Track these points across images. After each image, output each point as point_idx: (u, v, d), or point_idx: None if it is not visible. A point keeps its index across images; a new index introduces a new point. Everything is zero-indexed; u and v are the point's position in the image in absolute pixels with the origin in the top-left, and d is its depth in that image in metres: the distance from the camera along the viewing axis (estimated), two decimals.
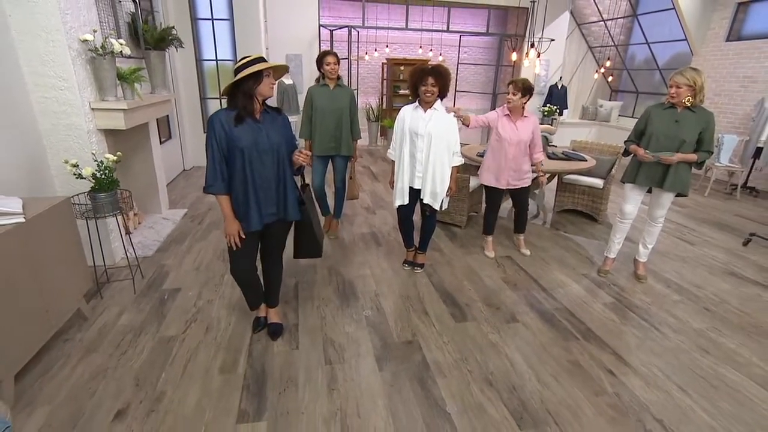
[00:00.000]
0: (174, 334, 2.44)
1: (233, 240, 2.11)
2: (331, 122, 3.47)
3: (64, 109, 2.74)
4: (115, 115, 2.96)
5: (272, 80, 2.02)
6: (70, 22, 2.63)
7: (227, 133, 1.99)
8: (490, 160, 3.41)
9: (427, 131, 2.80)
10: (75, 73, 2.70)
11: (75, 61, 2.69)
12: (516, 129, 3.28)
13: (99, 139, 3.00)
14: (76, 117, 2.79)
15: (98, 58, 2.82)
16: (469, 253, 3.66)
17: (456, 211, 4.13)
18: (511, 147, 3.29)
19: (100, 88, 2.93)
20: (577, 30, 9.47)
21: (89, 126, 2.87)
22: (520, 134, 3.27)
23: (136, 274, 3.04)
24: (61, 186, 2.86)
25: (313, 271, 3.25)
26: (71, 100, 2.74)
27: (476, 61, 9.78)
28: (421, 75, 2.74)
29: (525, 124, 3.29)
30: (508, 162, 3.32)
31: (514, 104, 3.23)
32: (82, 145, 2.85)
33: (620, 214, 3.22)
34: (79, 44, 2.73)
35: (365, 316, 2.69)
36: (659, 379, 2.22)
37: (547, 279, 3.26)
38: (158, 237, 3.74)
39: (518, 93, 3.20)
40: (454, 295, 2.97)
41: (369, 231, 4.10)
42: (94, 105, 2.89)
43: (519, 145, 3.28)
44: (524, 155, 3.34)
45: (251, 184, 2.05)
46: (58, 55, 2.61)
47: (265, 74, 1.97)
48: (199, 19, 5.84)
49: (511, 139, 3.28)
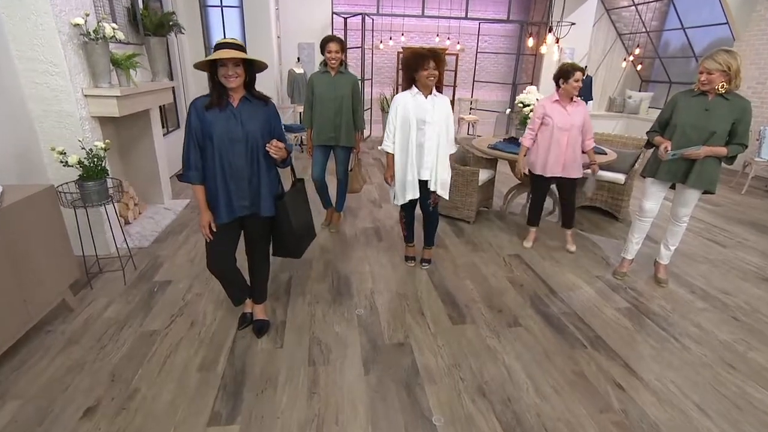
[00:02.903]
0: (157, 328, 2.39)
1: (205, 232, 2.04)
2: (331, 110, 3.35)
3: (55, 94, 2.72)
4: (108, 102, 2.92)
5: (229, 71, 1.85)
6: (60, 5, 2.59)
7: (201, 119, 1.92)
8: (541, 149, 3.26)
9: (434, 118, 2.68)
10: (66, 58, 2.66)
11: (66, 45, 2.65)
12: (568, 114, 3.14)
13: (93, 127, 2.97)
14: (67, 103, 2.76)
15: (90, 42, 2.77)
16: (475, 251, 3.49)
17: (464, 206, 3.96)
18: (564, 134, 3.15)
19: (93, 74, 2.90)
20: (606, 16, 9.02)
21: (81, 113, 2.84)
22: (572, 119, 3.14)
23: (128, 265, 3.01)
24: (53, 174, 2.85)
25: (309, 266, 3.16)
26: (62, 86, 2.71)
27: (497, 50, 9.47)
28: (422, 59, 2.61)
29: (576, 109, 3.16)
30: (562, 150, 3.18)
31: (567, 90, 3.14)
32: (75, 132, 2.82)
33: (639, 212, 2.99)
34: (70, 28, 2.69)
35: (357, 315, 2.58)
36: (674, 396, 2.02)
37: (557, 280, 3.07)
38: (157, 228, 3.72)
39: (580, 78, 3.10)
40: (455, 295, 2.82)
41: (372, 225, 3.98)
42: (87, 91, 2.85)
43: (572, 131, 3.14)
44: (577, 143, 3.19)
45: (221, 174, 1.98)
46: (48, 39, 2.58)
47: (219, 63, 1.85)
48: (208, 6, 5.81)
49: (564, 124, 3.14)
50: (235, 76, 1.87)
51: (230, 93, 1.94)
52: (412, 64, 2.64)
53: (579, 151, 3.23)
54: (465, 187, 3.86)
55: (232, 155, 1.97)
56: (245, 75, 1.92)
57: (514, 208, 4.53)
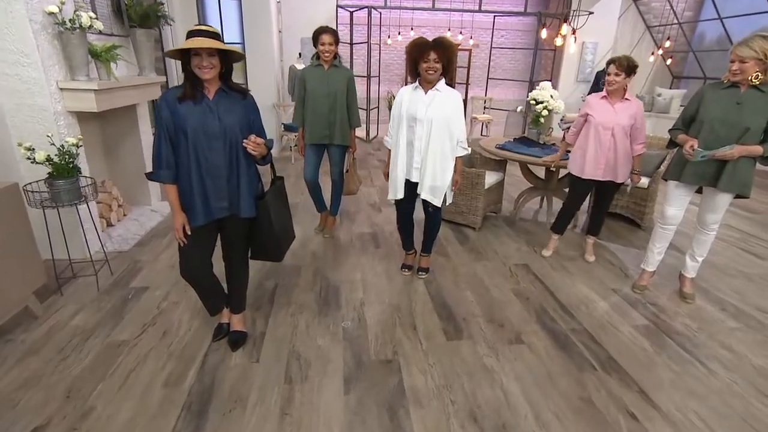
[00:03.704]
0: (126, 338, 2.33)
1: (178, 235, 1.97)
2: (324, 107, 3.28)
3: (28, 87, 2.70)
4: (85, 96, 2.89)
5: (203, 62, 1.78)
6: None
7: (173, 112, 1.86)
8: (579, 148, 3.13)
9: (427, 116, 2.57)
10: (38, 48, 2.64)
11: (38, 35, 2.64)
12: (614, 111, 2.98)
13: (69, 122, 2.95)
14: (40, 97, 2.74)
15: (66, 32, 2.75)
16: (479, 259, 3.37)
17: (470, 211, 3.84)
18: (607, 132, 2.99)
19: (70, 66, 2.88)
20: (633, 8, 8.82)
21: (56, 107, 2.82)
22: (618, 118, 2.96)
23: (103, 269, 2.97)
24: (26, 172, 2.82)
25: (297, 274, 3.08)
26: (35, 78, 2.69)
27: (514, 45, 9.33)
28: (422, 49, 2.50)
29: (625, 107, 2.98)
30: (603, 150, 3.01)
31: (617, 86, 2.95)
32: (49, 127, 2.80)
33: (661, 218, 2.83)
34: (44, 17, 2.67)
35: (343, 328, 2.49)
36: (697, 429, 1.86)
37: (568, 293, 2.92)
38: (141, 230, 3.69)
39: (622, 73, 2.91)
40: (452, 308, 2.71)
41: (369, 230, 3.89)
42: (62, 84, 2.83)
43: (616, 130, 2.97)
44: (623, 145, 3.00)
45: (196, 173, 1.92)
46: (18, 28, 2.56)
47: (192, 53, 1.78)
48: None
49: (607, 122, 2.97)
50: (210, 67, 1.81)
51: (205, 85, 1.88)
52: (415, 55, 2.54)
53: (626, 155, 3.02)
54: (470, 190, 3.75)
55: (209, 152, 1.91)
56: (221, 66, 1.86)
57: (525, 213, 4.39)
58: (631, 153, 3.04)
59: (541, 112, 4.09)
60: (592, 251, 3.44)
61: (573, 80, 8.19)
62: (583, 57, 8.03)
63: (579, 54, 8.04)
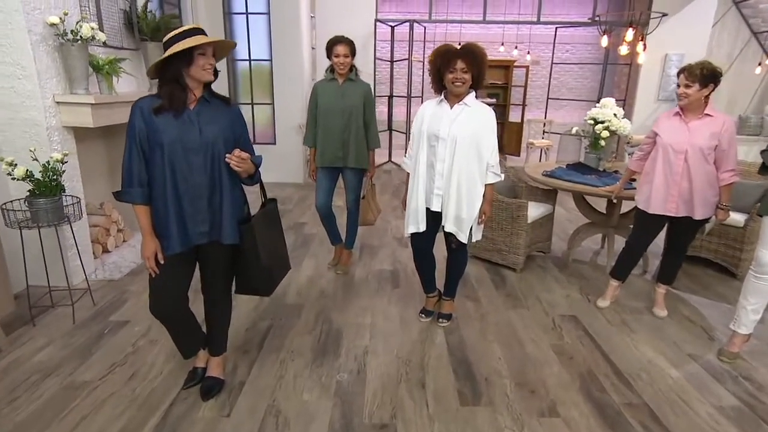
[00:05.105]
0: (89, 378, 2.33)
1: (149, 264, 1.95)
2: (338, 125, 3.29)
3: (22, 101, 2.89)
4: (81, 111, 3.06)
5: (210, 60, 1.87)
6: (32, 2, 2.80)
7: (147, 123, 1.88)
8: (648, 176, 2.92)
9: (450, 134, 2.49)
10: (35, 60, 2.84)
11: (37, 46, 2.84)
12: (687, 130, 2.73)
13: (64, 138, 3.13)
14: (35, 111, 2.92)
15: (66, 44, 2.96)
16: (516, 306, 3.15)
17: (509, 249, 3.64)
18: (678, 156, 2.74)
19: (69, 79, 3.08)
20: (734, 11, 8.37)
21: (50, 122, 2.99)
22: (693, 138, 2.70)
23: (83, 299, 3.04)
24: (16, 189, 2.98)
25: (297, 314, 3.01)
26: (30, 91, 2.89)
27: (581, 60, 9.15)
28: (448, 57, 2.44)
29: (704, 125, 2.70)
30: (674, 179, 2.77)
31: (689, 100, 2.69)
32: (41, 143, 2.97)
33: (755, 266, 2.51)
34: (45, 28, 2.88)
35: (338, 381, 2.37)
36: None
37: (626, 356, 2.63)
38: (137, 258, 3.79)
39: (694, 84, 2.64)
40: (474, 364, 2.51)
41: (390, 268, 3.79)
42: (59, 98, 3.02)
43: (691, 154, 2.71)
44: (702, 172, 2.72)
45: (172, 192, 1.90)
46: (16, 39, 2.77)
47: (198, 52, 1.83)
48: (233, 13, 6.19)
49: (678, 144, 2.73)
50: (212, 67, 1.90)
51: (192, 92, 1.91)
52: (439, 65, 2.48)
53: (707, 185, 2.74)
54: (510, 224, 3.56)
55: (188, 169, 1.90)
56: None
57: (581, 254, 4.12)
58: (716, 183, 2.76)
59: (601, 133, 3.87)
60: (664, 304, 3.12)
61: (653, 99, 7.82)
62: (666, 71, 7.67)
63: (660, 68, 7.71)
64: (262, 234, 2.14)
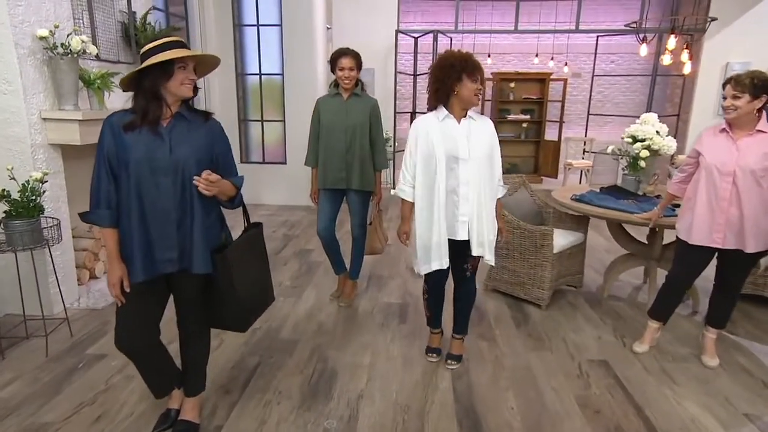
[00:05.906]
0: (53, 419, 2.31)
1: (114, 292, 1.94)
2: (341, 143, 3.29)
3: (6, 117, 2.99)
4: (68, 127, 3.14)
5: (190, 75, 1.89)
6: (21, 15, 2.91)
7: (117, 141, 1.89)
8: (690, 201, 2.79)
9: (473, 153, 2.48)
10: (22, 74, 2.94)
11: (24, 60, 2.95)
12: (735, 149, 2.60)
13: (50, 156, 3.21)
14: (18, 127, 3.01)
15: (55, 58, 3.06)
16: (537, 348, 3.03)
17: (533, 282, 3.51)
18: (725, 180, 2.60)
19: (58, 94, 3.17)
20: None
21: (35, 139, 3.07)
22: (742, 158, 2.56)
23: (59, 330, 3.06)
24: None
25: (289, 351, 2.96)
26: (15, 107, 2.98)
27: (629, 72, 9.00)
28: (467, 64, 2.42)
29: (756, 143, 2.57)
30: (721, 206, 2.62)
31: (738, 114, 2.57)
32: (24, 161, 3.05)
33: None
34: (33, 41, 2.99)
35: (325, 429, 2.29)
36: None
37: (665, 412, 2.46)
38: None
39: (743, 95, 2.53)
40: (482, 415, 2.40)
41: (399, 301, 3.72)
42: (45, 114, 3.11)
43: (740, 176, 2.57)
44: (754, 197, 2.58)
45: (137, 215, 1.90)
46: (1, 53, 2.88)
47: (177, 65, 1.85)
48: (243, 25, 6.36)
49: (725, 165, 2.59)
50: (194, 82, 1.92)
51: (169, 108, 1.92)
52: (450, 72, 2.43)
53: (763, 211, 2.59)
54: (533, 254, 3.44)
55: (155, 191, 1.89)
56: None
57: (618, 289, 3.95)
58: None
59: (640, 152, 3.74)
60: (715, 351, 2.91)
61: (711, 114, 7.60)
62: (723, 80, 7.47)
63: (719, 78, 7.50)
64: (240, 263, 2.11)
